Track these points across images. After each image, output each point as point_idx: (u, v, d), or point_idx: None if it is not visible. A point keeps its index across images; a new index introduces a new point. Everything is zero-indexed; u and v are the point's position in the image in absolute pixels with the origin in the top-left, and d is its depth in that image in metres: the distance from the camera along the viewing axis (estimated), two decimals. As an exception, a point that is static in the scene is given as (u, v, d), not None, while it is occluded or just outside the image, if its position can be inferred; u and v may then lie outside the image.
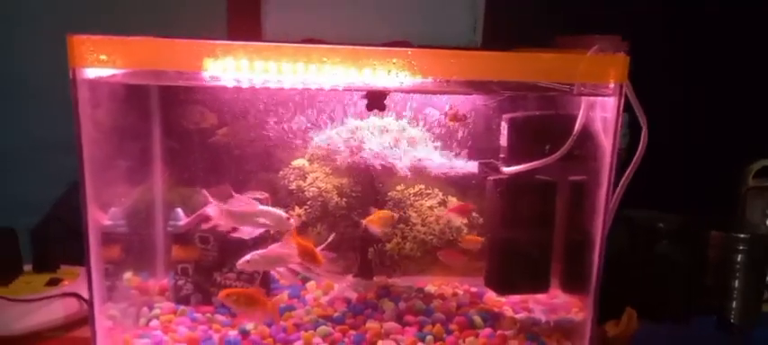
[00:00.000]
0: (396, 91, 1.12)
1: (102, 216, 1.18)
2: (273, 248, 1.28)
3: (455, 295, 1.44)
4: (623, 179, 1.14)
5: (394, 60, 1.01)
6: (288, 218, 1.26)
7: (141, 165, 1.40)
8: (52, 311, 1.38)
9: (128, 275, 1.36)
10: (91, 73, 1.05)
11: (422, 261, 1.48)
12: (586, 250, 1.19)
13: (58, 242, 1.61)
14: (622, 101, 1.09)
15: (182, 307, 1.36)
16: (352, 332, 1.29)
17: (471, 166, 1.36)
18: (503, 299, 1.42)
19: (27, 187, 1.82)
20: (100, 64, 1.02)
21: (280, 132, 1.45)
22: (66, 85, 1.03)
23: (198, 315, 1.34)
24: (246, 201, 1.27)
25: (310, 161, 1.45)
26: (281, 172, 1.45)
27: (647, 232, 1.50)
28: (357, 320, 1.33)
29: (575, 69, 1.06)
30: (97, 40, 1.01)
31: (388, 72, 1.02)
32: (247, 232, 1.33)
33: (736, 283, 1.45)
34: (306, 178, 1.43)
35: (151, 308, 1.36)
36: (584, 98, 1.14)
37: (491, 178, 1.33)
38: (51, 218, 1.62)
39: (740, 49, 1.85)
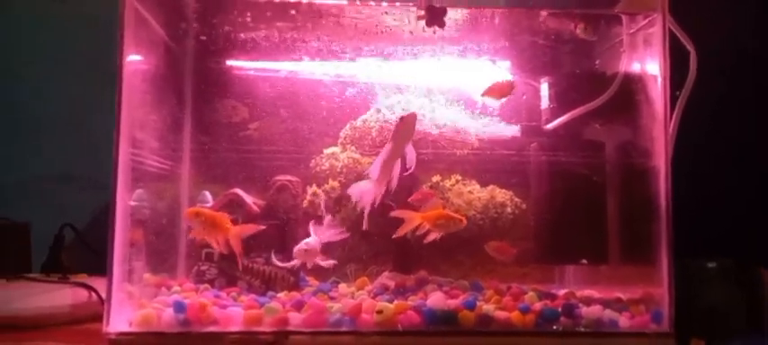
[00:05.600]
0: (456, 6, 1.12)
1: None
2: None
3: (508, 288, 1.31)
4: (679, 101, 1.10)
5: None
6: None
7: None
8: (60, 297, 1.27)
9: (147, 275, 1.25)
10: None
11: (462, 266, 1.38)
12: (648, 203, 1.11)
13: (69, 250, 1.52)
14: (666, 22, 1.09)
15: (204, 285, 1.24)
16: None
17: (513, 131, 1.31)
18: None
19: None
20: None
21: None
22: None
23: (221, 293, 1.21)
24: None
25: (343, 145, 1.41)
26: (312, 161, 1.41)
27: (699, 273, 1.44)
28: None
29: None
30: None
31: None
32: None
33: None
34: (339, 159, 1.38)
35: (170, 288, 1.23)
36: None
37: (534, 144, 1.28)
38: (65, 226, 1.53)
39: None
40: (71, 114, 1.76)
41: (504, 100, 1.26)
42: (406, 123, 1.14)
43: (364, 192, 1.19)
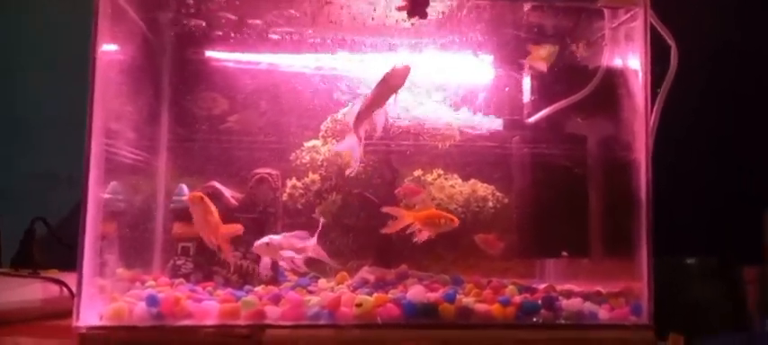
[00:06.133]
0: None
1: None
2: (289, 236, 1.18)
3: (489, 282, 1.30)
4: (660, 95, 1.10)
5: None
6: None
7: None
8: (30, 292, 1.23)
9: (120, 270, 1.22)
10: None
11: (443, 261, 1.37)
12: (629, 197, 1.11)
13: (41, 245, 1.48)
14: (647, 17, 1.09)
15: (179, 280, 1.21)
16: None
17: (496, 124, 1.30)
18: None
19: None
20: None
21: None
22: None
23: (197, 287, 1.18)
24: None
25: (324, 138, 1.39)
26: (293, 154, 1.39)
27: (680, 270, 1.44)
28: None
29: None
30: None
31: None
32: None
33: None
34: (319, 152, 1.36)
35: (144, 283, 1.20)
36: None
37: (516, 137, 1.28)
38: (36, 220, 1.50)
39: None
40: (49, 110, 1.72)
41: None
42: (397, 74, 1.10)
43: (350, 145, 1.15)
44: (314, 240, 1.18)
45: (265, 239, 1.16)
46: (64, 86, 1.69)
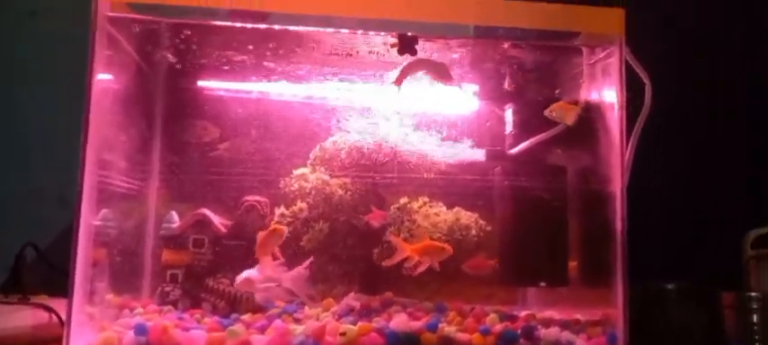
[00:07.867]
0: (424, 36, 1.15)
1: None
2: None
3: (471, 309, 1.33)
4: (635, 130, 1.14)
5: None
6: None
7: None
8: (21, 318, 1.24)
9: (109, 297, 1.24)
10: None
11: (428, 287, 1.40)
12: (606, 228, 1.15)
13: (32, 270, 1.49)
14: (623, 52, 1.13)
15: (168, 307, 1.23)
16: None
17: (477, 155, 1.34)
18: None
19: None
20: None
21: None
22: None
23: (185, 315, 1.20)
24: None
25: (312, 166, 1.42)
26: (282, 182, 1.42)
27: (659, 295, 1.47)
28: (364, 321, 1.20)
29: (575, 18, 1.11)
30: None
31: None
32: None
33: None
34: (308, 180, 1.39)
35: (132, 310, 1.22)
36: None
37: (498, 168, 1.32)
38: (27, 245, 1.51)
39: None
40: (40, 130, 1.73)
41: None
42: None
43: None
44: (293, 273, 1.21)
45: (243, 275, 1.19)
46: (54, 102, 1.71)
